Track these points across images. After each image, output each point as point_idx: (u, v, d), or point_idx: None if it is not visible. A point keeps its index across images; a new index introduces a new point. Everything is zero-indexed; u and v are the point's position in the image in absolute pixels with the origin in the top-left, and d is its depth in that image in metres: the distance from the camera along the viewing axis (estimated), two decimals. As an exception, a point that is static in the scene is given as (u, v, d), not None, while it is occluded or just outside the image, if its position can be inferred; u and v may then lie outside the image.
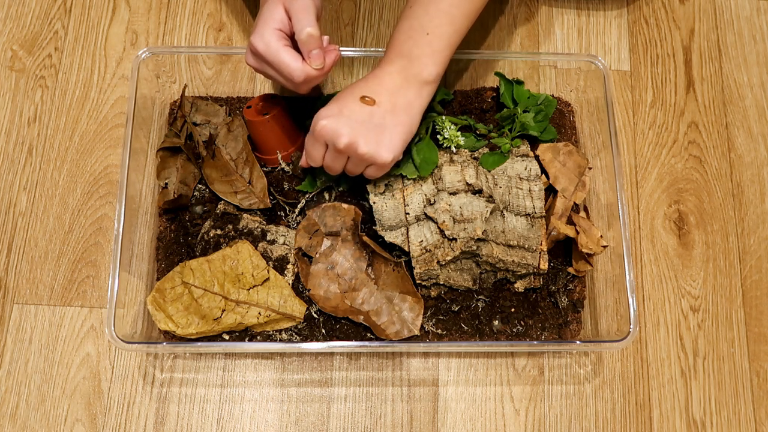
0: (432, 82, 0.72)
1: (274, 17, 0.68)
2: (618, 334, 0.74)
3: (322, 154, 0.71)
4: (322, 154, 0.71)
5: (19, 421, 0.77)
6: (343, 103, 0.69)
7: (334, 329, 0.78)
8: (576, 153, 0.83)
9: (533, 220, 0.77)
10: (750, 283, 0.85)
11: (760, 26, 0.97)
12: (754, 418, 0.80)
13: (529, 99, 0.85)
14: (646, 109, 0.92)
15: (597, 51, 0.95)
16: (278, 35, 0.68)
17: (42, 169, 0.86)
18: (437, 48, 0.71)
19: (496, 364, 0.80)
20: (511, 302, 0.79)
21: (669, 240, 0.87)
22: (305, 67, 0.68)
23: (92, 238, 0.83)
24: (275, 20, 0.68)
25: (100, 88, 0.90)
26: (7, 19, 0.92)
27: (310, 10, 0.67)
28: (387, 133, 0.69)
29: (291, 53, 0.68)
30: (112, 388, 0.78)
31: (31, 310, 0.81)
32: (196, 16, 0.94)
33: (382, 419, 0.78)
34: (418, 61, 0.71)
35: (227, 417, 0.77)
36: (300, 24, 0.67)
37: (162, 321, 0.74)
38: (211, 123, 0.85)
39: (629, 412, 0.80)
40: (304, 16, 0.67)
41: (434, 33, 0.71)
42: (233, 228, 0.80)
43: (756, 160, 0.90)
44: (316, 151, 0.71)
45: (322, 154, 0.71)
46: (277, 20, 0.68)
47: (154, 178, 0.82)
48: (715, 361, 0.82)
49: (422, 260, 0.75)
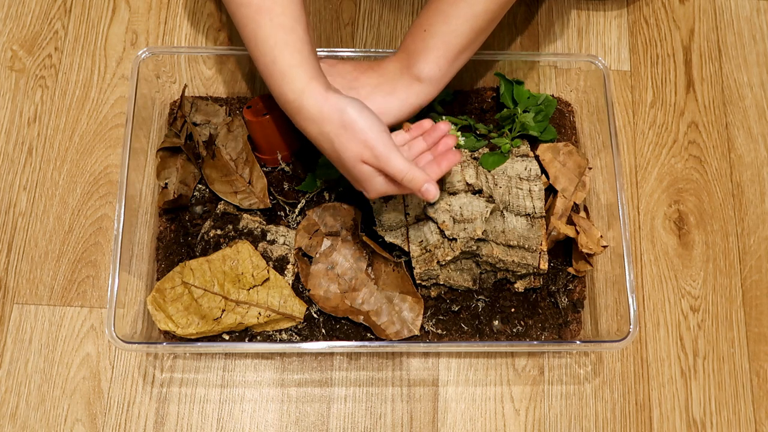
0: (425, 80, 0.71)
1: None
2: (618, 334, 0.74)
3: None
4: None
5: (19, 421, 0.77)
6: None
7: (334, 329, 0.78)
8: (576, 153, 0.83)
9: (533, 220, 0.77)
10: (750, 283, 0.85)
11: (760, 26, 0.97)
12: (754, 418, 0.80)
13: (529, 99, 0.85)
14: (646, 109, 0.92)
15: (597, 51, 0.95)
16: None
17: (42, 169, 0.86)
18: (432, 45, 0.71)
19: (496, 364, 0.80)
20: (511, 302, 0.79)
21: (669, 240, 0.87)
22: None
23: (92, 238, 0.83)
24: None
25: (100, 88, 0.90)
26: (7, 19, 0.92)
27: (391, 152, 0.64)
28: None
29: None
30: (112, 388, 0.78)
31: (31, 310, 0.81)
32: (196, 16, 0.94)
33: (382, 419, 0.78)
34: (414, 56, 0.71)
35: (227, 417, 0.77)
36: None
37: (162, 321, 0.74)
38: (211, 123, 0.85)
39: (629, 412, 0.80)
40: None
41: (430, 31, 0.71)
42: (233, 228, 0.80)
43: (756, 160, 0.90)
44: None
45: None
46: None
47: (154, 178, 0.82)
48: (715, 361, 0.82)
49: (422, 260, 0.75)
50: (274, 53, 0.65)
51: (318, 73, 0.66)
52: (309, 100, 0.65)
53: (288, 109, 0.67)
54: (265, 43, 0.65)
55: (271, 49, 0.65)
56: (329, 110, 0.64)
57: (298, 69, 0.64)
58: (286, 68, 0.65)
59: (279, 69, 0.65)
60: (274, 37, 0.65)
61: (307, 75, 0.65)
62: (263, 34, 0.65)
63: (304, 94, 0.65)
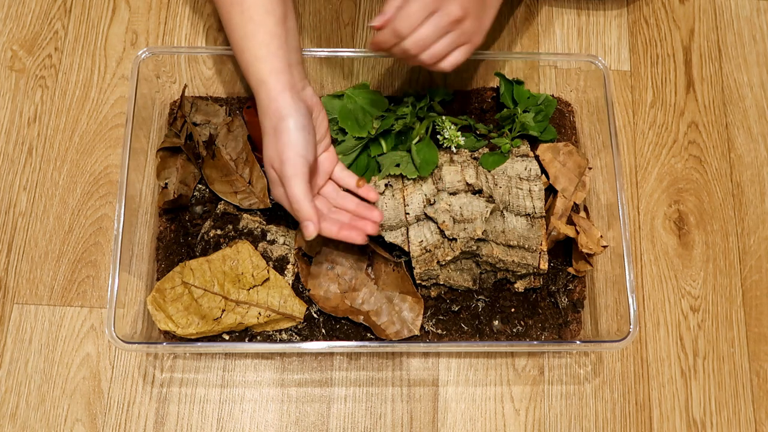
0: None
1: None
2: (618, 334, 0.74)
3: (421, 19, 0.63)
4: (421, 19, 0.63)
5: (19, 421, 0.77)
6: None
7: (334, 329, 0.78)
8: (576, 153, 0.83)
9: (533, 220, 0.77)
10: (750, 283, 0.85)
11: (760, 26, 0.97)
12: (754, 418, 0.80)
13: (529, 99, 0.85)
14: (646, 109, 0.92)
15: (597, 51, 0.95)
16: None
17: (42, 169, 0.86)
18: None
19: (496, 364, 0.80)
20: (511, 302, 0.79)
21: (669, 240, 0.87)
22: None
23: (92, 238, 0.83)
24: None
25: (100, 88, 0.90)
26: (7, 19, 0.92)
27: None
28: (486, 17, 0.68)
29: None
30: (112, 388, 0.78)
31: (31, 310, 0.81)
32: (196, 16, 0.94)
33: (382, 419, 0.78)
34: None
35: (227, 417, 0.77)
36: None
37: (162, 321, 0.74)
38: (211, 123, 0.85)
39: (629, 412, 0.80)
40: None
41: None
42: (233, 228, 0.80)
43: (756, 160, 0.90)
44: (417, 15, 0.63)
45: (421, 20, 0.63)
46: None
47: (154, 178, 0.82)
48: (715, 361, 0.82)
49: (422, 260, 0.75)
50: (242, 44, 0.68)
51: (282, 69, 0.67)
52: (262, 94, 0.67)
53: (253, 92, 0.70)
54: (235, 32, 0.68)
55: (240, 40, 0.68)
56: (273, 110, 0.67)
57: (262, 62, 0.67)
58: (251, 59, 0.67)
59: (245, 59, 0.68)
60: (243, 28, 0.67)
61: (268, 69, 0.67)
62: (234, 24, 0.68)
63: (261, 86, 0.67)
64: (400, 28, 0.63)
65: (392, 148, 0.80)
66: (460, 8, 0.64)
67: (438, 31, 0.64)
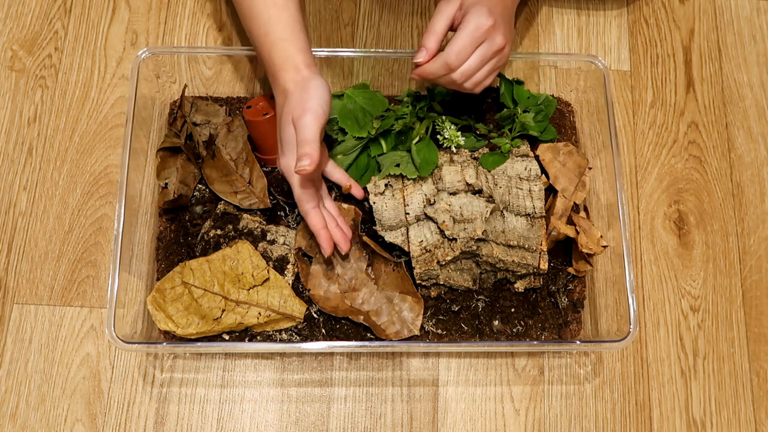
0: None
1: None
2: (618, 334, 0.74)
3: (471, 52, 0.69)
4: (471, 52, 0.69)
5: (19, 421, 0.77)
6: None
7: (334, 329, 0.78)
8: (576, 153, 0.83)
9: (533, 220, 0.77)
10: (750, 283, 0.85)
11: (760, 26, 0.97)
12: (754, 418, 0.80)
13: (529, 99, 0.85)
14: (646, 109, 0.92)
15: (597, 51, 0.95)
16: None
17: (42, 169, 0.86)
18: None
19: (496, 364, 0.80)
20: (511, 302, 0.79)
21: (669, 240, 0.87)
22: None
23: (92, 238, 0.83)
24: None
25: (100, 88, 0.90)
26: (7, 19, 0.92)
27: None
28: (511, 25, 0.72)
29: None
30: (112, 388, 0.78)
31: (31, 310, 0.81)
32: (196, 16, 0.94)
33: (382, 419, 0.78)
34: None
35: (227, 417, 0.77)
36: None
37: (162, 321, 0.74)
38: (211, 123, 0.85)
39: (629, 412, 0.80)
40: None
41: None
42: (233, 228, 0.80)
43: (756, 160, 0.90)
44: (469, 51, 0.69)
45: (471, 53, 0.69)
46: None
47: (154, 178, 0.82)
48: (715, 361, 0.82)
49: (422, 260, 0.75)
50: (266, 28, 0.72)
51: (305, 48, 0.72)
52: (288, 66, 0.71)
53: (270, 73, 0.73)
54: (260, 17, 0.72)
55: (265, 24, 0.72)
56: (300, 78, 0.70)
57: (287, 42, 0.71)
58: (277, 41, 0.72)
59: (270, 40, 0.72)
60: (267, 13, 0.72)
61: (295, 47, 0.71)
62: (257, 10, 0.72)
63: (287, 62, 0.71)
64: (451, 61, 0.69)
65: (392, 148, 0.80)
66: (503, 38, 0.69)
67: (483, 61, 0.70)
